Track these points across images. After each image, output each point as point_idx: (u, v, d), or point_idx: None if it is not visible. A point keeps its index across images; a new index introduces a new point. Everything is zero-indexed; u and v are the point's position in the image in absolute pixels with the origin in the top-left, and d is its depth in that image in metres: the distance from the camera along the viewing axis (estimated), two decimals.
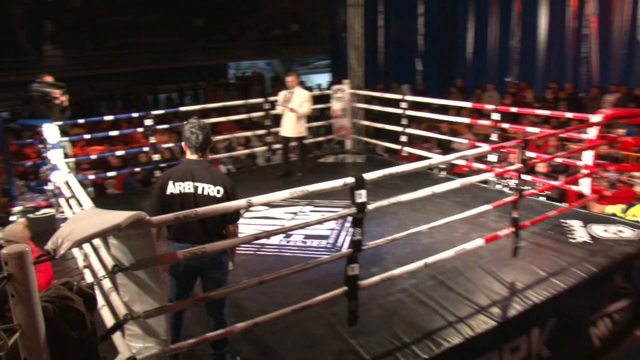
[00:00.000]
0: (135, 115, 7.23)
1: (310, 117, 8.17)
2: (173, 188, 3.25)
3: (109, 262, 2.84)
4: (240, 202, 3.06)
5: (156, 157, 7.39)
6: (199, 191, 3.23)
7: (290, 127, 7.50)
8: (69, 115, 6.73)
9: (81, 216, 2.56)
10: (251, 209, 6.63)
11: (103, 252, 3.15)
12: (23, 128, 6.61)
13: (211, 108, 9.24)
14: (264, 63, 22.76)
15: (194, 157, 3.34)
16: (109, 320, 3.15)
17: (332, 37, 16.93)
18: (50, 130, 6.26)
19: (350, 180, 3.40)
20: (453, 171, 8.26)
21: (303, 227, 3.63)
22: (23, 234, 4.17)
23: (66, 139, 6.61)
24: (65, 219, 5.14)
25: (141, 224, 2.67)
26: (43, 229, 4.95)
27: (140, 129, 7.43)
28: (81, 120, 7.05)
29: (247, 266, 4.78)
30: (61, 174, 6.45)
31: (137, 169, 7.82)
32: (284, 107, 7.42)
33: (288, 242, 5.57)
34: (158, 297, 2.92)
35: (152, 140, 7.35)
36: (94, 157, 7.57)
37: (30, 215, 6.47)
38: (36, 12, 17.31)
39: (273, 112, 8.07)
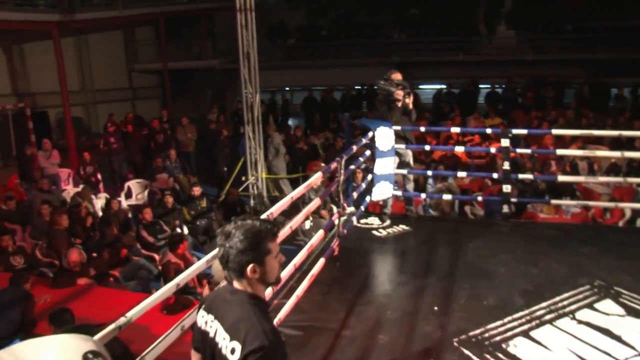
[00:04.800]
0: (489, 131, 5.90)
1: None
2: (200, 317, 2.10)
3: None
4: None
5: (506, 188, 5.93)
6: (217, 338, 1.96)
7: None
8: (414, 119, 5.94)
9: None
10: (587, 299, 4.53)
11: None
12: (362, 127, 6.21)
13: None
14: None
15: (233, 283, 2.04)
16: None
17: None
18: (384, 135, 5.69)
19: None
20: None
21: None
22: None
23: (402, 146, 5.90)
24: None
25: None
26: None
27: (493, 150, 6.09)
28: (422, 129, 6.16)
29: None
30: (387, 186, 5.85)
31: (480, 199, 6.50)
32: None
33: None
34: None
35: (506, 166, 5.90)
36: (429, 173, 6.63)
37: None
38: None
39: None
